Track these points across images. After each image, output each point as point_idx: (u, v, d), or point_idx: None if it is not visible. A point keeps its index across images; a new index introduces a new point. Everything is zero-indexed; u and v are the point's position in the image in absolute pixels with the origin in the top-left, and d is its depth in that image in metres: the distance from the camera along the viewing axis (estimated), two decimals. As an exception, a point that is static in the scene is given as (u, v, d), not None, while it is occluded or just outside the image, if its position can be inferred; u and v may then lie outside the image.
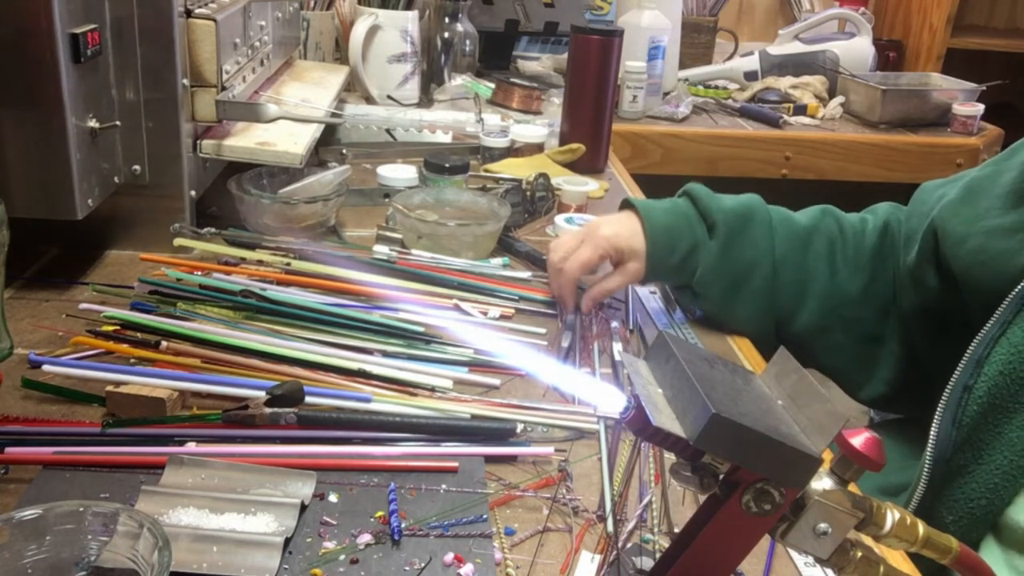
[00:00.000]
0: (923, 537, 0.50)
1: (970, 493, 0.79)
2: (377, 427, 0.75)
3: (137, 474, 0.68)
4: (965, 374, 0.80)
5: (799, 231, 0.99)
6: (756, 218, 0.98)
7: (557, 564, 0.63)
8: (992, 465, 0.78)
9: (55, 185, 0.90)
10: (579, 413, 0.79)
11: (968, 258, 0.85)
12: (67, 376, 0.78)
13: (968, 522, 0.79)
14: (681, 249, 0.97)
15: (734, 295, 0.97)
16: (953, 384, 0.81)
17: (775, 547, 0.65)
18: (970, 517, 0.79)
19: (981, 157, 2.12)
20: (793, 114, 2.14)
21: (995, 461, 0.78)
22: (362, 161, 1.44)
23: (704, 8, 2.41)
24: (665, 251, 0.97)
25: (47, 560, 0.54)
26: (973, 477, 0.79)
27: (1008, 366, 0.77)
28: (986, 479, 0.78)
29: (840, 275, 0.99)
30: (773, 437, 0.44)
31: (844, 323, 0.99)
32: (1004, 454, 0.77)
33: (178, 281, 0.95)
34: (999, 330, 0.79)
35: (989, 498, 0.78)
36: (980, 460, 0.79)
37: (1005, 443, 0.77)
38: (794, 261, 0.98)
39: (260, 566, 0.59)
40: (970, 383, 0.80)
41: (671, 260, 0.97)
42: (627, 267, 0.97)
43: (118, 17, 0.97)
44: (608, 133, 1.51)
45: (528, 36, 2.26)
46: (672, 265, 0.97)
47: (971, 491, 0.79)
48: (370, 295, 0.96)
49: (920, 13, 2.53)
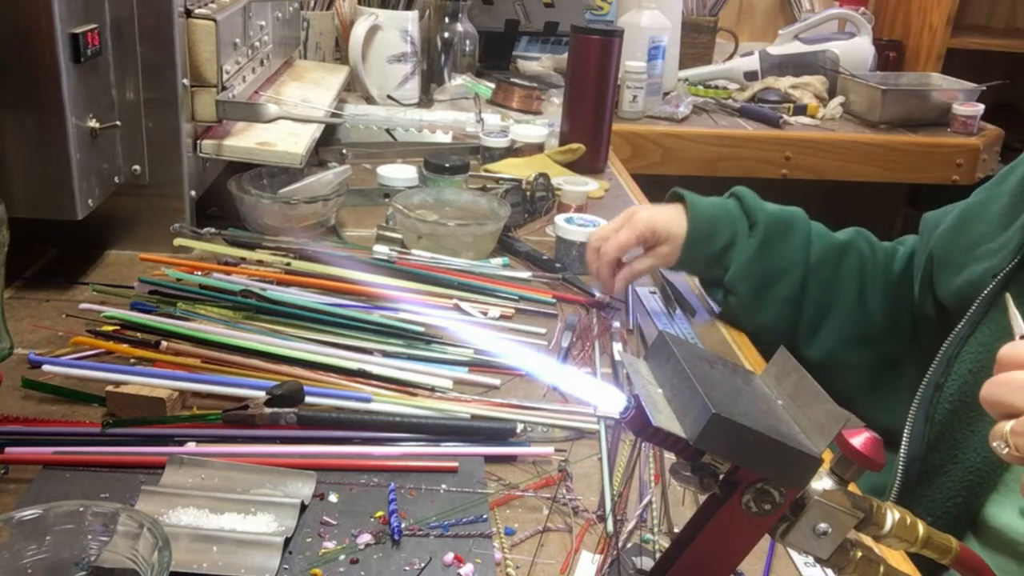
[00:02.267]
0: (923, 537, 0.50)
1: (946, 492, 0.80)
2: (377, 427, 0.75)
3: (137, 474, 0.68)
4: (936, 373, 0.82)
5: (835, 244, 1.00)
6: (796, 226, 0.99)
7: (557, 564, 0.63)
8: (966, 463, 0.79)
9: (55, 185, 0.90)
10: (579, 413, 0.79)
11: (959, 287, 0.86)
12: (67, 376, 0.78)
13: (946, 521, 0.79)
14: (720, 240, 0.98)
15: (762, 297, 0.98)
16: (925, 383, 0.83)
17: (775, 547, 0.65)
18: (948, 516, 0.80)
19: (981, 157, 2.12)
20: (793, 114, 2.14)
21: (969, 459, 0.79)
22: (362, 161, 1.44)
23: (704, 8, 2.41)
24: (704, 239, 0.98)
25: (47, 560, 0.54)
26: (949, 476, 0.80)
27: (977, 364, 0.79)
28: (961, 477, 0.79)
29: (867, 294, 0.99)
30: (773, 437, 0.44)
31: (865, 344, 0.98)
32: (978, 452, 0.78)
33: (178, 281, 0.95)
34: (969, 330, 0.81)
35: (965, 496, 0.79)
36: (955, 459, 0.80)
37: (978, 441, 0.78)
38: (826, 274, 0.98)
39: (260, 566, 0.59)
40: (941, 381, 0.81)
41: (709, 249, 0.98)
42: (659, 250, 0.99)
43: (118, 17, 0.97)
44: (608, 133, 1.51)
45: (528, 36, 2.26)
46: (709, 255, 0.98)
47: (947, 490, 0.80)
48: (370, 295, 0.96)
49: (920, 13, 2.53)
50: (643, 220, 0.98)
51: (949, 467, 0.80)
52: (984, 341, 0.79)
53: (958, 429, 0.80)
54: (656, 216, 0.99)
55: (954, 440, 0.80)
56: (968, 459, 0.79)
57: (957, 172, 2.11)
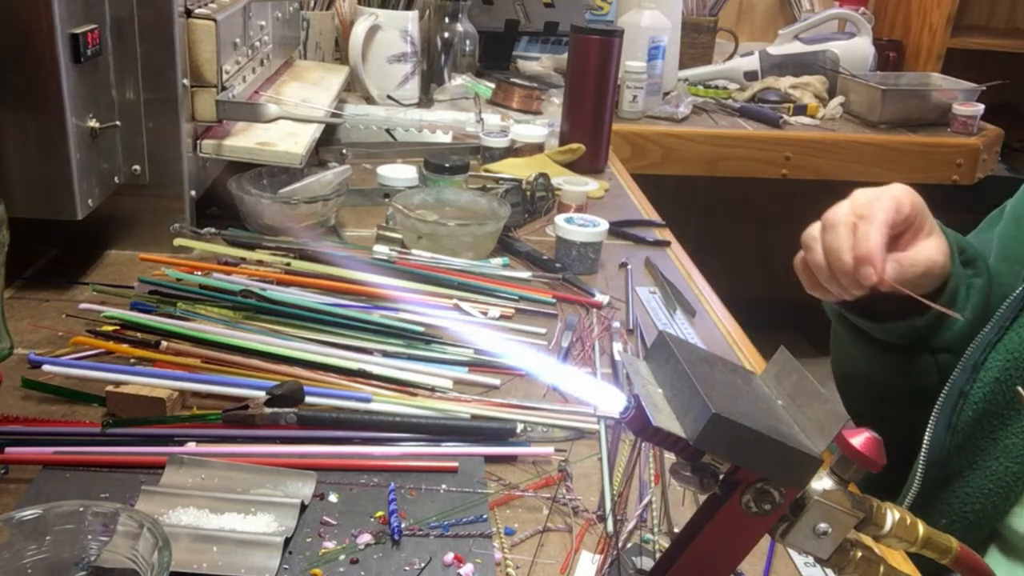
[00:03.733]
0: (923, 537, 0.50)
1: (964, 498, 0.79)
2: (377, 427, 0.75)
3: (137, 474, 0.68)
4: (961, 379, 0.79)
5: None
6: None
7: (557, 564, 0.63)
8: (987, 471, 0.77)
9: (55, 185, 0.90)
10: (579, 413, 0.79)
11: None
12: (67, 376, 0.78)
13: (962, 526, 0.78)
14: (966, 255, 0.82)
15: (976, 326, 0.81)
16: (949, 389, 0.80)
17: (775, 547, 0.65)
18: (964, 521, 0.78)
19: (981, 157, 2.12)
20: (793, 114, 2.14)
21: (990, 467, 0.77)
22: (362, 161, 1.44)
23: (704, 8, 2.41)
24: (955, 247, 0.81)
25: (47, 560, 0.53)
26: (968, 482, 0.79)
27: (1005, 372, 0.76)
28: (981, 484, 0.78)
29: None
30: (773, 437, 0.44)
31: None
32: (1000, 460, 0.77)
33: (178, 281, 0.95)
34: (996, 336, 0.78)
35: (983, 503, 0.78)
36: (975, 465, 0.78)
37: (1000, 449, 0.77)
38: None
39: (260, 566, 0.59)
40: (966, 389, 0.79)
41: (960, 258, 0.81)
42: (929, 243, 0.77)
43: (118, 17, 0.97)
44: (608, 133, 1.51)
45: (528, 36, 2.26)
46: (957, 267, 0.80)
47: (965, 496, 0.79)
48: (370, 295, 0.96)
49: (920, 13, 2.53)
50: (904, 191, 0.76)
51: (968, 473, 0.78)
52: (1012, 348, 0.76)
53: (980, 436, 0.78)
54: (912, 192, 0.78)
55: (975, 447, 0.78)
56: (990, 467, 0.77)
57: (957, 172, 2.12)
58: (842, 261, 0.74)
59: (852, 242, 0.73)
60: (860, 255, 0.72)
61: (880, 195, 0.75)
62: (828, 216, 0.76)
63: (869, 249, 0.72)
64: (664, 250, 1.23)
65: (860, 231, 0.73)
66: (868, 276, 0.72)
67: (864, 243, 0.72)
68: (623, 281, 1.10)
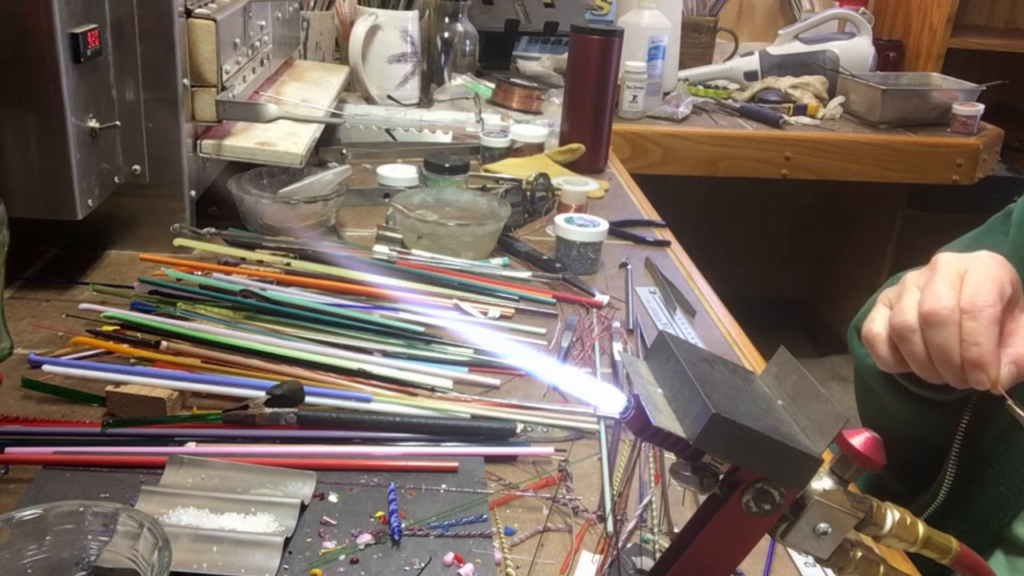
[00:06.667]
0: (923, 537, 0.50)
1: (979, 503, 0.79)
2: (377, 427, 0.75)
3: (137, 474, 0.68)
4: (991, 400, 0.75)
5: None
6: None
7: (557, 564, 0.63)
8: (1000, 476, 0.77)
9: (55, 185, 0.90)
10: (579, 413, 0.79)
11: None
12: (67, 376, 0.78)
13: (975, 533, 0.78)
14: None
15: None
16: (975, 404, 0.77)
17: (775, 547, 0.65)
18: (977, 528, 0.78)
19: (981, 157, 2.12)
20: (793, 114, 2.14)
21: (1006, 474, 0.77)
22: (362, 161, 1.44)
23: (704, 8, 2.41)
24: None
25: (47, 560, 0.54)
26: (984, 491, 0.78)
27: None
28: (994, 492, 0.78)
29: None
30: (773, 437, 0.44)
31: None
32: (1016, 468, 0.77)
33: (178, 281, 0.95)
34: None
35: (995, 510, 0.78)
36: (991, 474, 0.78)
37: (1017, 454, 0.77)
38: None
39: (260, 566, 0.59)
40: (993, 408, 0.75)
41: None
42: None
43: (118, 17, 0.97)
44: (608, 133, 1.51)
45: (528, 36, 2.26)
46: None
47: (979, 504, 0.78)
48: (370, 295, 0.96)
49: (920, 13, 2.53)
50: (996, 262, 0.68)
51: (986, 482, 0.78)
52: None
53: (1002, 447, 0.78)
54: (999, 260, 0.69)
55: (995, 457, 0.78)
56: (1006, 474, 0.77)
57: (957, 172, 2.12)
58: (951, 364, 0.66)
59: (960, 345, 0.65)
60: (972, 360, 0.65)
61: (980, 279, 0.66)
62: (930, 308, 0.66)
63: (982, 356, 0.64)
64: (664, 250, 1.23)
65: (967, 331, 0.65)
66: (981, 382, 0.65)
67: (975, 349, 0.64)
68: (623, 281, 1.10)
